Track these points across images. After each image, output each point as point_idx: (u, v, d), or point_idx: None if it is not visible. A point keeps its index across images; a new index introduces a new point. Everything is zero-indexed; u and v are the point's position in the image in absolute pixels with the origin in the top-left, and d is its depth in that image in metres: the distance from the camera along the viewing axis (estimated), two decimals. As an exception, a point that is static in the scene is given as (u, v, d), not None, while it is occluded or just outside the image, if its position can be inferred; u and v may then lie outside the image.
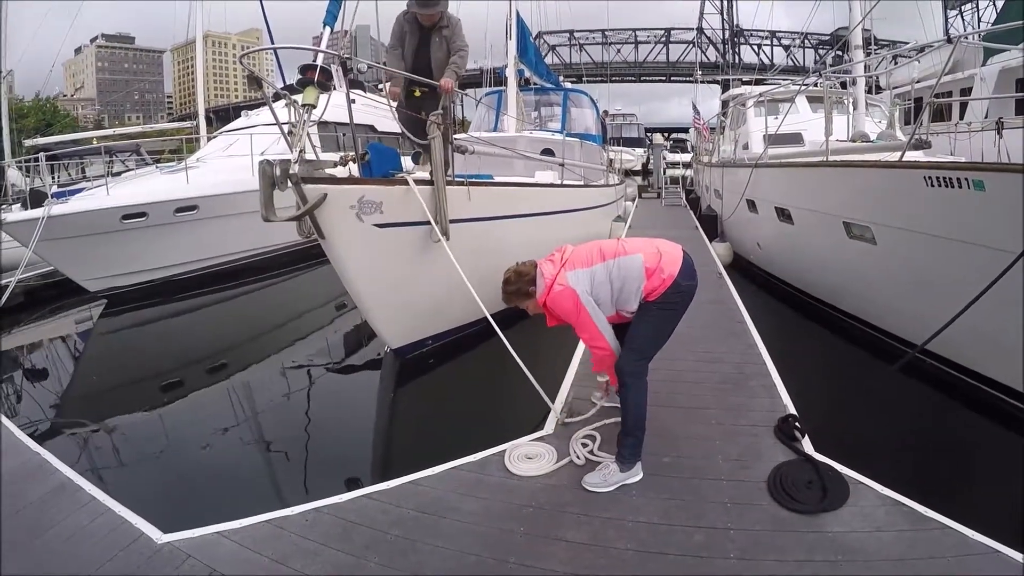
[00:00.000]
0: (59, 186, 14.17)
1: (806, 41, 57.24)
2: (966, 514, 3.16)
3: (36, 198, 11.56)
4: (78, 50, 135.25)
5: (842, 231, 7.06)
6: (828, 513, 3.24)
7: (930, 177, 5.34)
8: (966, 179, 4.98)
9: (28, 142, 23.35)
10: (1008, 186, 4.64)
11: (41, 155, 13.58)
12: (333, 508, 3.53)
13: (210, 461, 5.56)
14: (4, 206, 13.85)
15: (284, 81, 18.13)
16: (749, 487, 3.53)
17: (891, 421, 5.44)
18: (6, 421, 5.21)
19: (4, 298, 8.80)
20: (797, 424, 4.13)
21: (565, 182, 9.72)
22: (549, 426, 4.41)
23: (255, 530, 3.36)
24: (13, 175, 16.80)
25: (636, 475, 3.64)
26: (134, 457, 5.65)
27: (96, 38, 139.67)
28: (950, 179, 5.13)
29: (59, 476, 4.16)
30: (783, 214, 8.89)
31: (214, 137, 17.49)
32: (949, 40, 6.24)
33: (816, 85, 12.28)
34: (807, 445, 3.96)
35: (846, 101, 11.85)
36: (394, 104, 6.48)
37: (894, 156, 6.16)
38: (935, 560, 2.85)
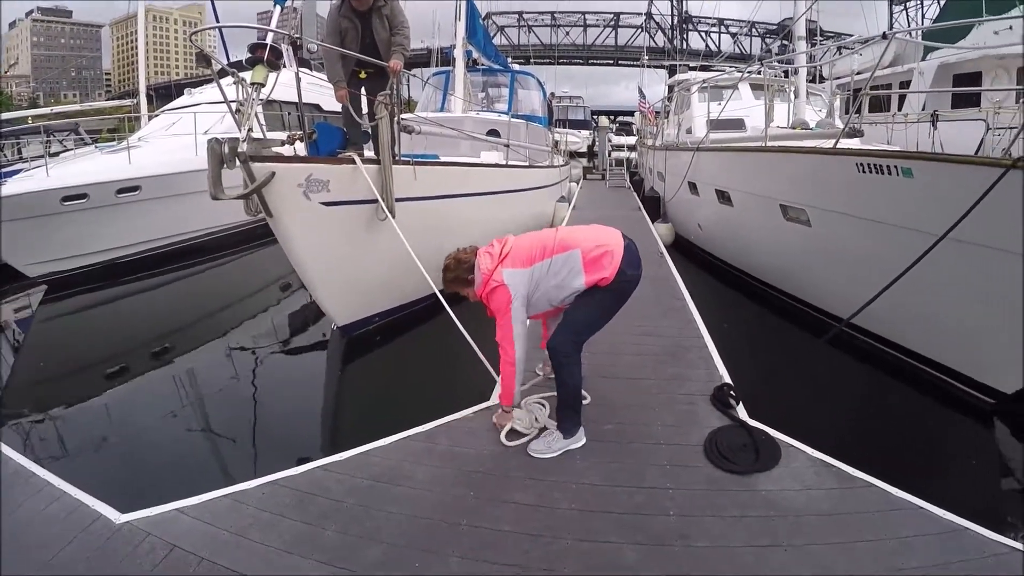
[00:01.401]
0: None
1: (753, 30, 57.93)
2: (890, 474, 3.39)
3: None
4: (12, 24, 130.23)
5: (779, 213, 7.32)
6: (761, 474, 3.43)
7: (862, 164, 5.59)
8: (895, 166, 5.24)
9: None
10: (934, 174, 4.91)
11: None
12: (288, 480, 3.59)
13: (163, 443, 5.53)
14: None
15: (228, 58, 17.82)
16: (687, 450, 3.71)
17: (820, 390, 5.75)
18: None
19: None
20: (732, 392, 4.33)
21: (510, 163, 9.84)
22: (495, 396, 4.51)
23: (213, 505, 3.40)
24: None
25: (579, 441, 3.77)
26: (86, 442, 5.59)
27: (31, 12, 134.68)
28: (881, 166, 5.39)
29: (11, 464, 4.10)
30: (723, 196, 9.15)
31: (156, 116, 17.00)
32: (884, 36, 6.47)
33: (759, 73, 12.57)
34: (741, 412, 4.16)
35: (788, 89, 12.17)
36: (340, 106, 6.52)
37: (830, 143, 6.40)
38: (861, 515, 3.05)
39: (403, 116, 6.85)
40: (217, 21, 19.96)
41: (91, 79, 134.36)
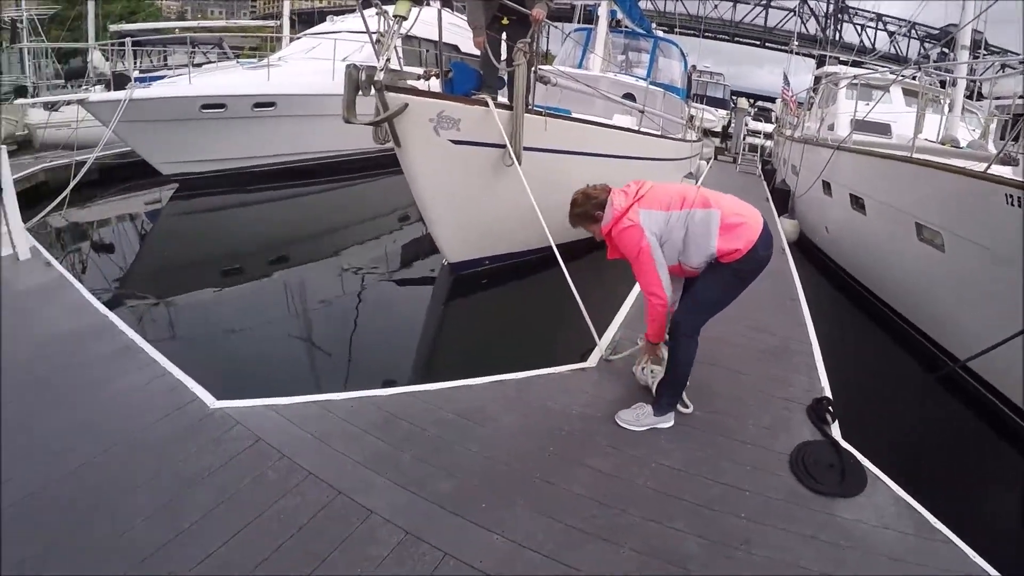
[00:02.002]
0: (141, 71, 14.58)
1: (913, 31, 54.44)
2: (973, 535, 3.15)
3: (120, 81, 12.03)
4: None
5: (913, 232, 6.93)
6: (842, 499, 3.29)
7: (1012, 195, 5.21)
8: None
9: (113, 27, 23.95)
10: None
11: (128, 40, 14.03)
12: (378, 399, 3.75)
13: (263, 343, 5.86)
14: (86, 87, 14.44)
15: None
16: (772, 456, 3.62)
17: (919, 427, 5.44)
18: (76, 283, 5.53)
19: (81, 174, 9.22)
20: (830, 408, 4.17)
21: (642, 129, 9.68)
22: (592, 359, 4.59)
23: (302, 408, 3.60)
24: (96, 58, 17.26)
25: (668, 422, 3.77)
26: (193, 331, 6.00)
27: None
28: None
29: (123, 338, 4.44)
30: (856, 202, 8.74)
31: (298, 38, 17.70)
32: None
33: (914, 78, 11.88)
34: (835, 430, 4.00)
35: (942, 101, 11.48)
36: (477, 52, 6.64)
37: (980, 167, 6.01)
38: (931, 572, 2.87)
39: (540, 67, 6.85)
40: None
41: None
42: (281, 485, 2.92)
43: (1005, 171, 6.36)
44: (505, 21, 6.62)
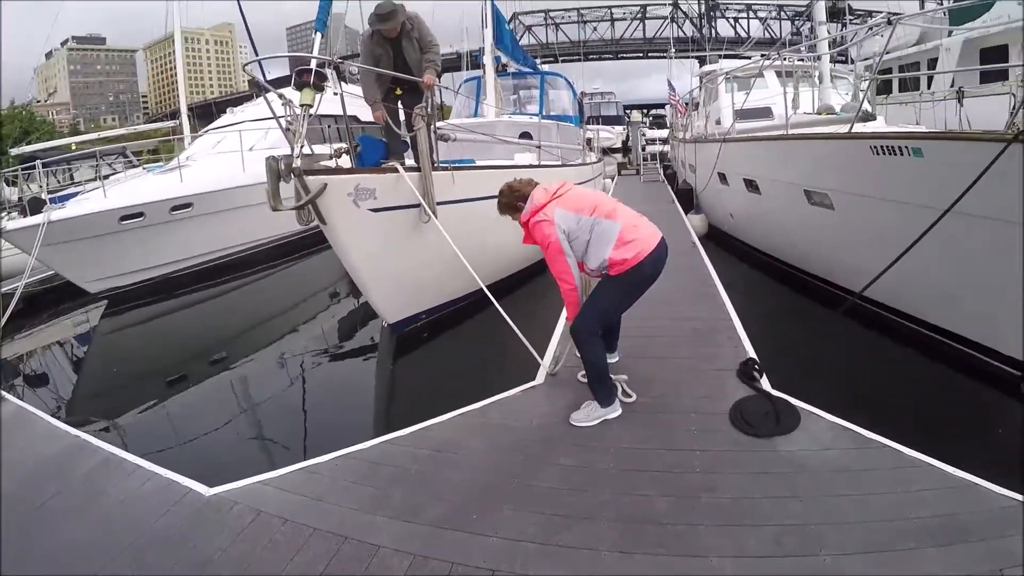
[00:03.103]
0: (49, 192, 14.48)
1: (782, 12, 56.96)
2: (906, 436, 3.66)
3: (35, 205, 11.83)
4: (48, 54, 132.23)
5: (804, 199, 7.57)
6: (781, 436, 3.78)
7: (876, 146, 5.86)
8: (906, 147, 5.50)
9: (14, 151, 23.54)
10: (942, 152, 5.18)
11: (37, 163, 13.90)
12: (359, 453, 4.05)
13: (234, 434, 6.02)
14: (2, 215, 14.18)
15: (265, 77, 18.62)
16: (713, 418, 4.08)
17: (838, 360, 6.03)
18: (38, 412, 5.55)
19: (11, 307, 8.96)
20: (756, 366, 4.67)
21: (543, 163, 10.16)
22: (540, 377, 4.98)
23: (292, 476, 3.85)
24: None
25: (615, 411, 4.19)
26: (165, 435, 6.06)
27: (66, 41, 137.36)
28: (892, 147, 5.65)
29: (102, 452, 4.53)
30: (751, 185, 9.39)
31: (200, 136, 17.76)
32: (889, 22, 6.67)
33: (784, 60, 12.65)
34: (765, 383, 4.50)
35: (814, 74, 12.29)
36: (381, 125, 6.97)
37: (846, 128, 6.66)
38: (875, 471, 3.36)
39: (439, 124, 7.27)
40: (250, 38, 20.91)
41: (129, 103, 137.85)
42: (291, 545, 3.16)
43: (871, 126, 7.05)
44: (399, 91, 7.01)
